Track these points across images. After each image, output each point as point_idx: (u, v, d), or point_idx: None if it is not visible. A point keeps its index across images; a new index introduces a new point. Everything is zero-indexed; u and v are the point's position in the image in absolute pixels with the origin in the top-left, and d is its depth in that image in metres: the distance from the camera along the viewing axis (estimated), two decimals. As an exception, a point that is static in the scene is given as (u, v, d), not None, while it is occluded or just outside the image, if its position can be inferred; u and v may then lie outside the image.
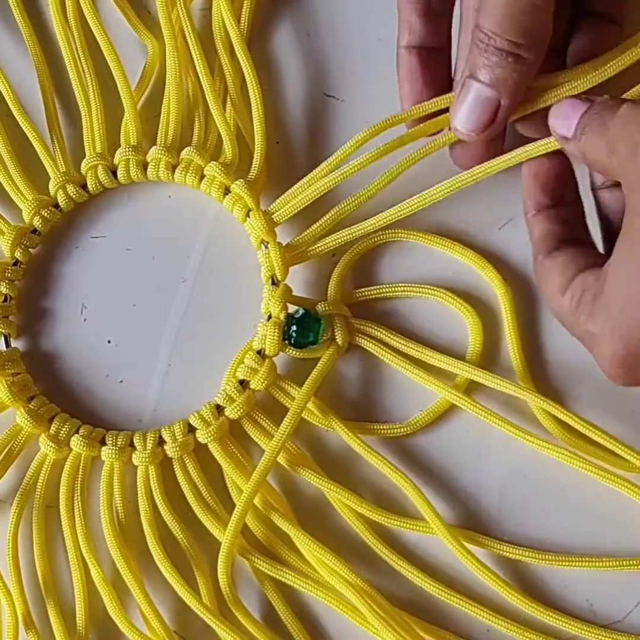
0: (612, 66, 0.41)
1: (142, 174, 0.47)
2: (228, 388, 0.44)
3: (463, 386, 0.44)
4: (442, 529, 0.43)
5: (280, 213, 0.45)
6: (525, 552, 0.43)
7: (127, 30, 0.49)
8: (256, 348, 0.45)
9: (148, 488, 0.44)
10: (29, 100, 0.48)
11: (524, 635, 0.42)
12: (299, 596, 0.44)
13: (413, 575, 0.43)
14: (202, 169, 0.46)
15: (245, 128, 0.47)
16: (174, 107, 0.47)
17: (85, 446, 0.44)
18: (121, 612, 0.43)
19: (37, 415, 0.44)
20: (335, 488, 0.44)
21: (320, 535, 0.44)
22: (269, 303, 0.44)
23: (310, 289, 0.46)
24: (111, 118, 0.48)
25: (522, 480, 0.44)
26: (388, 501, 0.44)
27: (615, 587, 0.43)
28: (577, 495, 0.44)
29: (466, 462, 0.45)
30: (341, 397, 0.45)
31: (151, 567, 0.44)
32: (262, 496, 0.44)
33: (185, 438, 0.44)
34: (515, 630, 0.42)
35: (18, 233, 0.46)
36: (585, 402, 0.44)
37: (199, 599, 0.43)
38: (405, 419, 0.45)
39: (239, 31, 0.47)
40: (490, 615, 0.42)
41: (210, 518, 0.44)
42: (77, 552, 0.44)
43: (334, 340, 0.45)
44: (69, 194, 0.47)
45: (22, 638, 0.43)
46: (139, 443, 0.44)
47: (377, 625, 0.42)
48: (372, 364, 0.45)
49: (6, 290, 0.46)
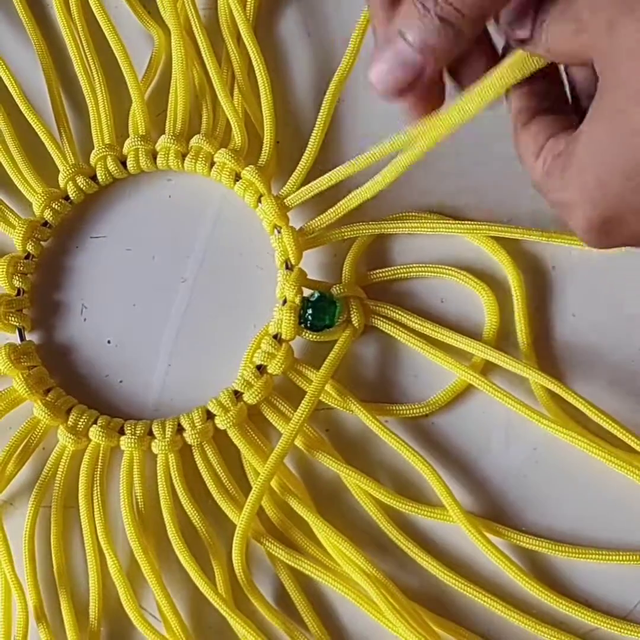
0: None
1: (152, 163, 0.47)
2: (246, 373, 0.44)
3: (480, 366, 0.44)
4: (462, 517, 0.43)
5: (291, 198, 0.45)
6: (544, 544, 0.43)
7: (132, 23, 0.49)
8: (272, 332, 0.45)
9: (168, 476, 0.44)
10: (35, 94, 0.48)
11: (542, 631, 0.42)
12: (314, 582, 0.44)
13: (429, 564, 0.43)
14: (211, 156, 0.46)
15: (254, 114, 0.47)
16: (181, 95, 0.47)
17: (104, 436, 0.44)
18: (135, 604, 0.43)
19: (55, 408, 0.44)
20: (352, 473, 0.44)
21: (336, 520, 0.44)
22: (283, 287, 0.45)
23: (324, 272, 0.46)
24: (118, 109, 0.48)
25: (540, 465, 0.44)
26: (406, 485, 0.44)
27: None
28: (598, 482, 0.44)
29: (483, 444, 0.45)
30: (358, 379, 0.45)
31: (165, 560, 0.44)
32: (280, 480, 0.44)
33: (204, 425, 0.44)
34: (533, 626, 0.42)
35: (29, 226, 0.46)
36: (593, 386, 0.44)
37: (214, 589, 0.43)
38: (423, 399, 0.45)
39: (245, 16, 0.47)
40: (507, 609, 0.42)
41: (229, 504, 0.44)
42: (95, 544, 0.44)
43: (350, 322, 0.45)
44: (79, 185, 0.47)
45: (32, 630, 0.43)
46: (157, 431, 0.44)
47: (390, 617, 0.42)
48: (389, 345, 0.45)
49: (19, 283, 0.46)
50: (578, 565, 0.43)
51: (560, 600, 0.42)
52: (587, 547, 0.43)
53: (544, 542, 0.43)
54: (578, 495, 0.44)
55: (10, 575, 0.43)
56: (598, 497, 0.44)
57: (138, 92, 0.47)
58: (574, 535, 0.43)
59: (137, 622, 0.43)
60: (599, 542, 0.43)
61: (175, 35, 0.47)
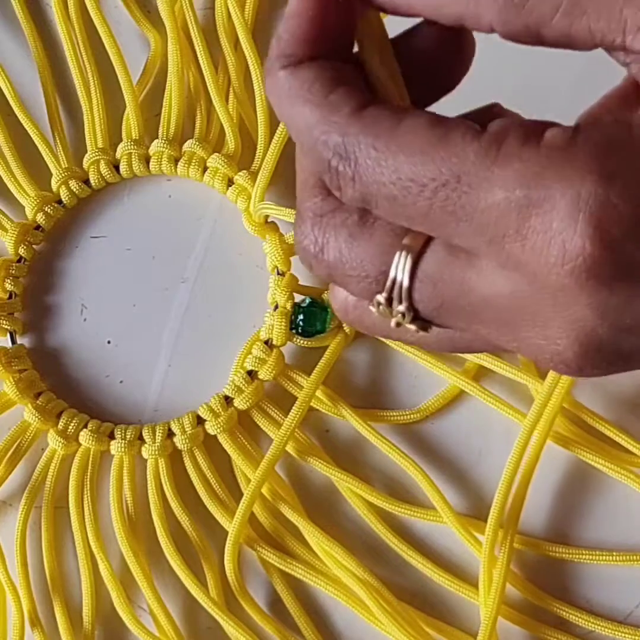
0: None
1: (145, 167, 0.47)
2: (236, 379, 0.44)
3: (472, 371, 0.44)
4: (452, 518, 0.42)
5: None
6: (539, 545, 0.43)
7: (128, 27, 0.49)
8: (263, 338, 0.44)
9: (158, 481, 0.44)
10: (29, 96, 0.48)
11: (540, 631, 0.42)
12: (307, 588, 0.44)
13: (422, 566, 0.43)
14: (204, 161, 0.46)
15: (249, 119, 0.47)
16: (175, 100, 0.47)
17: (94, 440, 0.44)
18: (128, 608, 0.43)
19: (45, 411, 0.44)
20: (344, 476, 0.43)
21: (329, 526, 0.43)
22: (275, 293, 0.44)
23: (316, 278, 0.46)
24: (113, 114, 0.48)
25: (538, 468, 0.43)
26: (398, 490, 0.44)
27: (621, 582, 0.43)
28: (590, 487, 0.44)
29: (476, 450, 0.44)
30: (350, 386, 0.45)
31: (158, 564, 0.44)
32: (271, 486, 0.44)
33: (195, 430, 0.44)
34: (528, 627, 0.42)
35: (21, 230, 0.46)
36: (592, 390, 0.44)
37: (206, 593, 0.43)
38: (415, 405, 0.45)
39: (243, 20, 0.47)
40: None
41: (220, 509, 0.44)
42: (86, 548, 0.44)
43: (342, 328, 0.44)
44: (72, 189, 0.47)
45: (27, 636, 0.43)
46: (148, 436, 0.44)
47: (383, 620, 0.42)
48: (380, 351, 0.45)
49: (11, 287, 0.46)
50: (577, 566, 0.43)
51: (555, 604, 0.42)
52: (587, 548, 0.43)
53: (542, 543, 0.43)
54: (577, 496, 0.44)
55: (4, 578, 0.43)
56: (597, 498, 0.44)
57: (132, 95, 0.47)
58: (574, 535, 0.43)
59: (131, 624, 0.43)
60: (599, 543, 0.43)
61: (172, 38, 0.47)
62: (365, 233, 0.28)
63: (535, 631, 0.42)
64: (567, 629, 0.42)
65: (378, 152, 0.25)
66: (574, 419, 0.43)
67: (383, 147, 0.25)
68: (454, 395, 0.44)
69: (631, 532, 0.43)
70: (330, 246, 0.28)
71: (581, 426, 0.43)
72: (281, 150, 0.45)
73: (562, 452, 0.43)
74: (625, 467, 0.43)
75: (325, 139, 0.26)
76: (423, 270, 0.27)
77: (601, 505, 0.43)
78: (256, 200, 0.45)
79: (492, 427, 0.44)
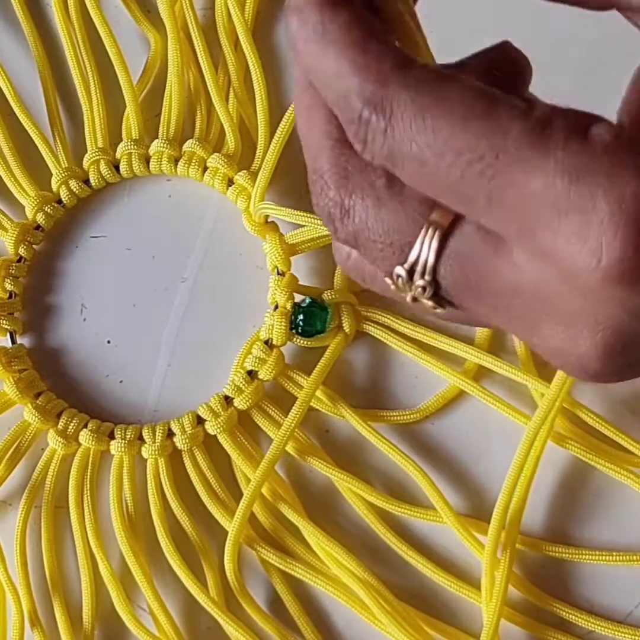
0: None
1: (145, 167, 0.47)
2: (236, 379, 0.44)
3: (472, 371, 0.44)
4: (452, 518, 0.42)
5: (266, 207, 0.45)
6: (539, 545, 0.43)
7: (128, 27, 0.49)
8: (263, 338, 0.44)
9: (158, 481, 0.44)
10: (30, 95, 0.48)
11: (539, 631, 0.42)
12: (307, 588, 0.44)
13: (422, 566, 0.43)
14: (204, 161, 0.46)
15: (249, 119, 0.47)
16: (175, 100, 0.47)
17: (94, 440, 0.44)
18: (128, 608, 0.43)
19: (45, 411, 0.44)
20: (344, 476, 0.43)
21: (329, 526, 0.43)
22: (275, 293, 0.44)
23: (316, 278, 0.46)
24: (113, 114, 0.48)
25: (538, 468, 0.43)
26: (398, 490, 0.44)
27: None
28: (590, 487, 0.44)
29: (476, 450, 0.44)
30: (350, 386, 0.45)
31: (158, 564, 0.44)
32: (271, 486, 0.44)
33: (195, 430, 0.44)
34: (528, 627, 0.42)
35: (21, 230, 0.46)
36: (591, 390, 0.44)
37: (206, 593, 0.43)
38: (415, 405, 0.45)
39: (243, 20, 0.47)
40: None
41: (219, 509, 0.44)
42: (86, 548, 0.44)
43: (342, 328, 0.44)
44: (72, 189, 0.47)
45: (27, 636, 0.43)
46: (148, 436, 0.44)
47: (383, 620, 0.42)
48: (380, 351, 0.45)
49: (11, 287, 0.46)
50: (577, 566, 0.43)
51: (555, 604, 0.42)
52: (587, 548, 0.43)
53: (542, 543, 0.43)
54: (577, 496, 0.44)
55: (4, 578, 0.43)
56: (597, 498, 0.44)
57: (132, 95, 0.47)
58: (574, 535, 0.43)
59: (131, 624, 0.43)
60: (599, 543, 0.43)
61: (172, 38, 0.47)
62: (394, 199, 0.26)
63: (534, 631, 0.42)
64: (567, 629, 0.42)
65: (417, 109, 0.24)
66: (574, 419, 0.43)
67: (425, 105, 0.24)
68: (454, 395, 0.44)
69: (631, 532, 0.43)
70: (357, 209, 0.27)
71: (581, 426, 0.43)
72: (281, 150, 0.45)
73: (562, 452, 0.43)
74: (625, 467, 0.43)
75: (361, 88, 0.24)
76: (451, 248, 0.26)
77: (601, 506, 0.44)
78: (256, 200, 0.45)
79: (492, 427, 0.44)
